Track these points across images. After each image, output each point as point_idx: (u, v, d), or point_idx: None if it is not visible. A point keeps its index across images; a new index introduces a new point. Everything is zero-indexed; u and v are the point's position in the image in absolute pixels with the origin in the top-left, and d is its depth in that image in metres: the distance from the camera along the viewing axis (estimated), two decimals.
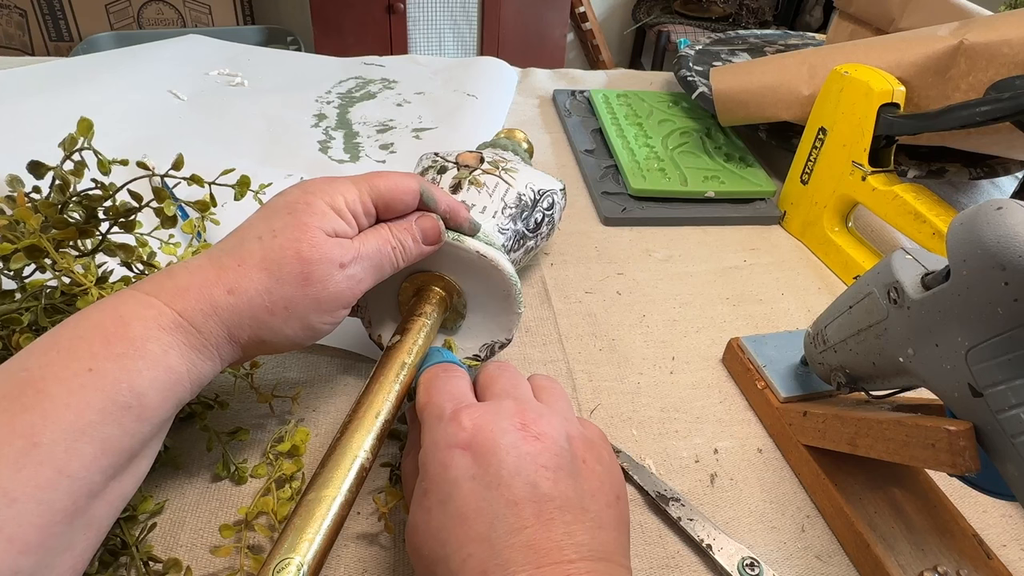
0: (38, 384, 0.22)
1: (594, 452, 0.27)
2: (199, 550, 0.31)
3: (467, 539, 0.23)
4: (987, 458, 0.26)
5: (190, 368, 0.26)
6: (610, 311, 0.47)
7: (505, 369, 0.31)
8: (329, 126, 0.65)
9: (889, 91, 0.49)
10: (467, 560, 0.23)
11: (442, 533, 0.24)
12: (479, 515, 0.23)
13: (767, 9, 2.21)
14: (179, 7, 1.73)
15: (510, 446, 0.25)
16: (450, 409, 0.27)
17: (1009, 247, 0.23)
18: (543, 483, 0.24)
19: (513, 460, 0.25)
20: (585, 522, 0.24)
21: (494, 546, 0.23)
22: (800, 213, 0.57)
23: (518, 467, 0.24)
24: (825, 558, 0.33)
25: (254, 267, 0.27)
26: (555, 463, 0.25)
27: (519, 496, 0.24)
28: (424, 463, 0.26)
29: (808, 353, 0.38)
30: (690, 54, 0.77)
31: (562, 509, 0.24)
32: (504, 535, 0.23)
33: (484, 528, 0.23)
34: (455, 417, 0.26)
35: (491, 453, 0.25)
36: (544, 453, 0.25)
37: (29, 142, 0.53)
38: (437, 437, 0.26)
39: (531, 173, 0.44)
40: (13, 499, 0.20)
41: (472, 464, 0.25)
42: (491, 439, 0.25)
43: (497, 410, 0.27)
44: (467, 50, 1.85)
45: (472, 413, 0.27)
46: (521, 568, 0.22)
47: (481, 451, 0.25)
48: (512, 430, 0.26)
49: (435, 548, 0.24)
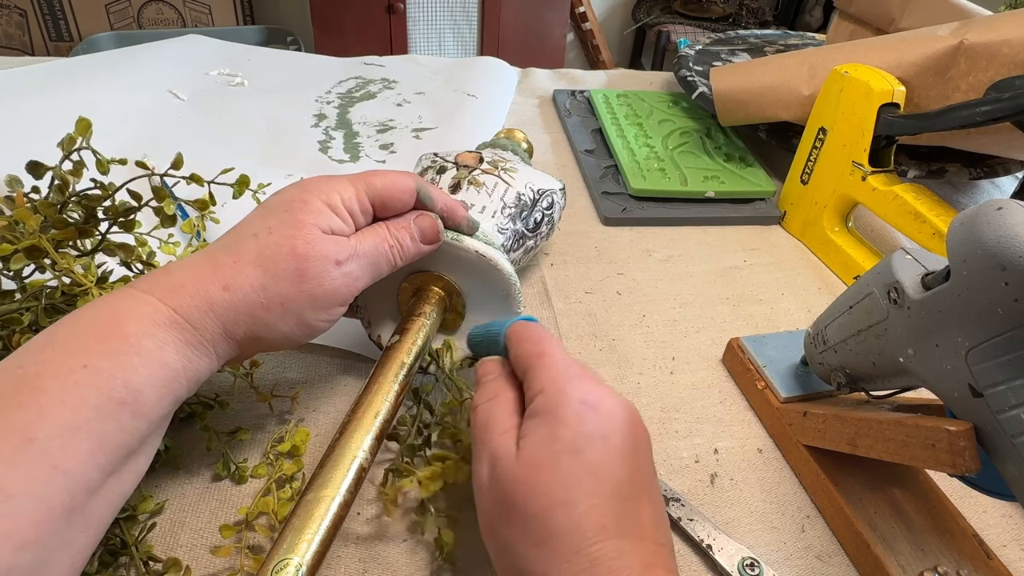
0: (33, 381, 0.22)
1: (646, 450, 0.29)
2: (199, 550, 0.31)
3: (596, 492, 0.25)
4: (987, 458, 0.26)
5: (186, 365, 0.26)
6: (610, 311, 0.47)
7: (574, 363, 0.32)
8: (329, 126, 0.65)
9: (889, 91, 0.49)
10: (592, 511, 0.24)
11: (571, 480, 0.25)
12: (610, 475, 0.25)
13: (767, 9, 2.21)
14: (179, 7, 1.73)
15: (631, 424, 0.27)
16: (576, 368, 0.29)
17: (1009, 247, 0.23)
18: (646, 468, 0.27)
19: (631, 441, 0.27)
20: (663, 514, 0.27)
21: (615, 507, 0.25)
22: (800, 213, 0.57)
23: (635, 447, 0.27)
24: (825, 558, 0.33)
25: (249, 264, 0.27)
26: (645, 450, 0.27)
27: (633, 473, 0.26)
28: (553, 410, 0.27)
29: (808, 353, 0.38)
30: (690, 54, 0.76)
31: (652, 494, 0.26)
32: (622, 502, 0.25)
33: (611, 489, 0.25)
34: (584, 376, 0.28)
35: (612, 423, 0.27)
36: (646, 443, 0.28)
37: (29, 142, 0.53)
38: (568, 390, 0.27)
39: (531, 173, 0.44)
40: (9, 495, 0.20)
41: (602, 427, 0.26)
42: (615, 414, 0.27)
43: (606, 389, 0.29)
44: (467, 50, 1.85)
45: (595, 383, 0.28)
46: (630, 534, 0.24)
47: (609, 420, 0.27)
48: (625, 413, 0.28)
49: (558, 491, 0.25)
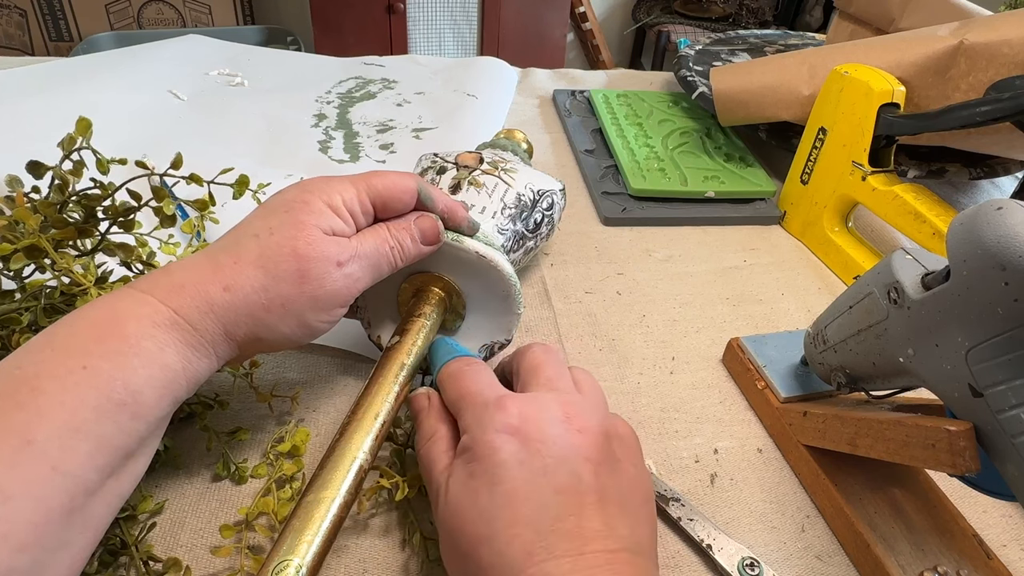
0: (32, 382, 0.22)
1: (627, 451, 0.28)
2: (199, 550, 0.31)
3: (515, 521, 0.23)
4: (987, 458, 0.26)
5: (186, 366, 0.25)
6: (610, 311, 0.47)
7: (551, 356, 0.31)
8: (329, 126, 0.65)
9: (889, 91, 0.49)
10: (513, 540, 0.23)
11: (489, 513, 0.24)
12: (527, 499, 0.24)
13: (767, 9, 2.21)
14: (179, 7, 1.73)
15: (557, 436, 0.26)
16: (493, 396, 0.28)
17: (1009, 247, 0.23)
18: (587, 475, 0.25)
19: (559, 450, 0.25)
20: (624, 516, 0.25)
21: (540, 530, 0.23)
22: (800, 213, 0.57)
23: (564, 457, 0.25)
24: (825, 558, 0.33)
25: (250, 264, 0.27)
26: (597, 457, 0.26)
27: (564, 485, 0.24)
28: (471, 446, 0.26)
29: (808, 353, 0.38)
30: (690, 54, 0.76)
31: (603, 501, 0.25)
32: (550, 521, 0.23)
33: (532, 512, 0.24)
34: (501, 404, 0.27)
35: (539, 441, 0.25)
36: (588, 446, 0.26)
37: (29, 142, 0.53)
38: (484, 421, 0.26)
39: (531, 173, 0.43)
40: (8, 497, 0.20)
41: (520, 449, 0.25)
42: (539, 428, 0.26)
43: (543, 400, 0.27)
44: (467, 50, 1.85)
45: (517, 401, 0.27)
46: (565, 553, 0.23)
47: (529, 438, 0.25)
48: (557, 421, 0.26)
49: (480, 528, 0.24)
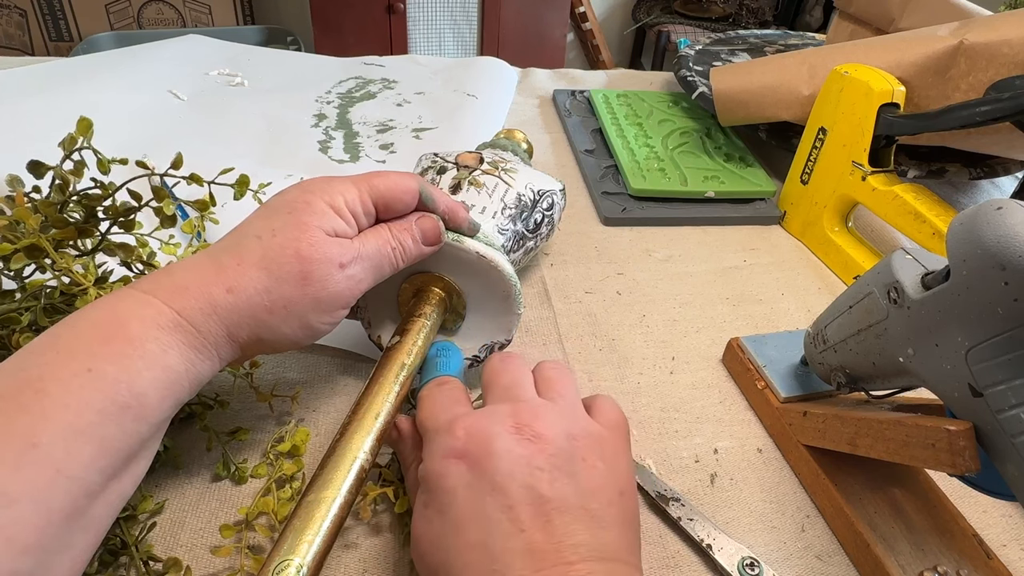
0: (36, 384, 0.22)
1: (597, 449, 0.27)
2: (199, 550, 0.31)
3: (465, 547, 0.23)
4: (987, 458, 0.26)
5: (189, 368, 0.25)
6: (610, 311, 0.47)
7: (507, 364, 0.31)
8: (329, 126, 0.65)
9: (889, 91, 0.49)
10: (466, 568, 0.23)
11: (442, 542, 0.24)
12: (475, 522, 0.23)
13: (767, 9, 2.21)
14: (179, 7, 1.73)
15: (503, 450, 0.25)
16: (444, 420, 0.27)
17: (1009, 247, 0.23)
18: (539, 485, 0.24)
19: (506, 464, 0.25)
20: (585, 522, 0.24)
21: (491, 552, 0.23)
22: (800, 213, 0.57)
23: (511, 471, 0.24)
24: (825, 558, 0.33)
25: (253, 266, 0.27)
26: (551, 464, 0.25)
27: (515, 500, 0.24)
28: (423, 476, 0.26)
29: (808, 353, 0.38)
30: (690, 54, 0.76)
31: (560, 510, 0.24)
32: (501, 540, 0.23)
33: (481, 535, 0.23)
34: (449, 427, 0.27)
35: (485, 458, 0.25)
36: (539, 454, 0.25)
37: (29, 142, 0.53)
38: (434, 449, 0.26)
39: (531, 173, 0.44)
40: (12, 500, 0.20)
41: (467, 472, 0.25)
42: (484, 445, 0.25)
43: (491, 414, 0.27)
44: (467, 50, 1.85)
45: (465, 421, 0.27)
46: (519, 573, 0.22)
47: (475, 458, 0.25)
48: (505, 433, 0.26)
49: (437, 557, 0.24)
